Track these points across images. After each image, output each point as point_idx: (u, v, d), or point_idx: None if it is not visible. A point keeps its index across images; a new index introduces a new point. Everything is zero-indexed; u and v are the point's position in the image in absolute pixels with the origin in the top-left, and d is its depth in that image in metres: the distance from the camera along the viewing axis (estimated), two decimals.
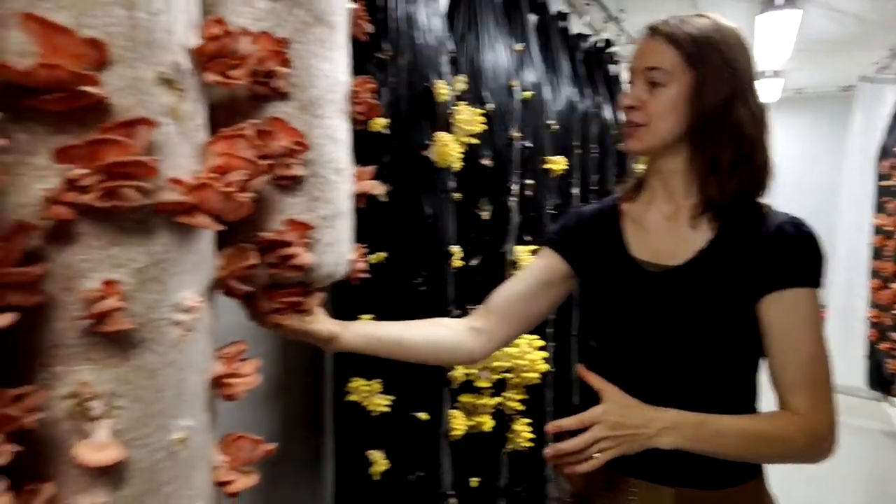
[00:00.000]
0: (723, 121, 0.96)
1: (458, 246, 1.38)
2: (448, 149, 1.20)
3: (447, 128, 1.30)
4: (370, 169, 0.99)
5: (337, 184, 0.89)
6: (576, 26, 2.95)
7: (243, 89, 0.78)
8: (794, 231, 0.96)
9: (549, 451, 0.94)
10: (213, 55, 0.67)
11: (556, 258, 1.11)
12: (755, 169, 0.98)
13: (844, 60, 4.91)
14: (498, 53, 1.54)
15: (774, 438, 0.93)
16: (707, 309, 0.96)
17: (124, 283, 0.59)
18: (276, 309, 0.86)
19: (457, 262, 1.37)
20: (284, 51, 0.80)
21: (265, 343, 1.15)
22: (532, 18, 2.25)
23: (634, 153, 1.02)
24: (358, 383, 1.13)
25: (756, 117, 0.98)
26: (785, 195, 6.45)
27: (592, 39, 3.22)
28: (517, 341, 1.59)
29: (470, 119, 1.28)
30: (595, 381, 0.96)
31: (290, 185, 0.82)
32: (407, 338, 1.03)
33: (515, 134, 1.55)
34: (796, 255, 0.94)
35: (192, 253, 0.66)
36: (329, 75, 0.87)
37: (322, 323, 0.95)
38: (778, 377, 0.95)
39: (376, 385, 1.14)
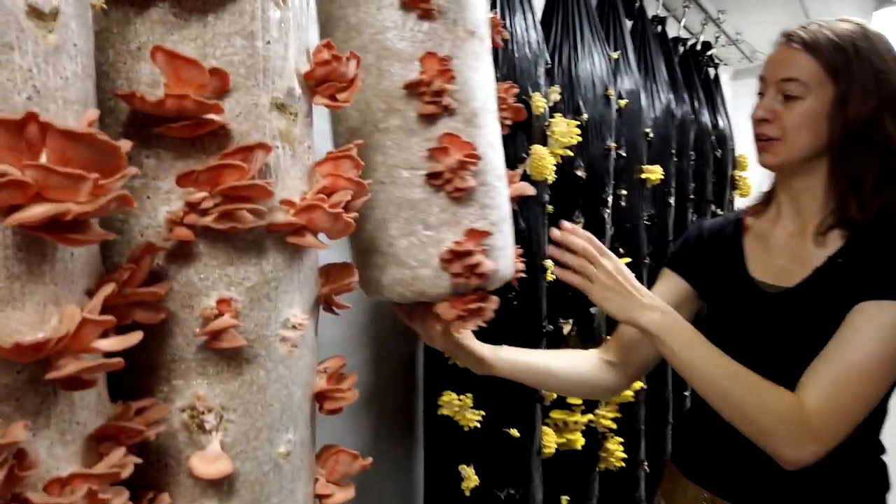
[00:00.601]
0: (868, 136, 0.89)
1: (550, 260, 1.36)
2: (544, 162, 1.19)
3: (543, 140, 1.28)
4: (518, 171, 1.02)
5: (500, 189, 0.92)
6: (672, 29, 2.84)
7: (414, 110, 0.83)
8: None
9: (566, 225, 0.94)
10: (322, 80, 0.69)
11: (678, 280, 1.08)
12: None
13: None
14: (594, 62, 1.51)
15: (755, 390, 0.85)
16: (818, 330, 0.89)
17: (237, 301, 0.61)
18: (459, 316, 0.89)
19: (549, 277, 1.35)
20: (449, 68, 0.82)
21: (361, 353, 1.17)
22: (628, 24, 2.19)
23: (767, 168, 0.96)
24: (450, 397, 1.13)
25: None
26: None
27: (690, 42, 3.10)
28: None
29: (566, 131, 1.26)
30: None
31: (464, 195, 0.86)
32: (553, 366, 1.04)
33: (612, 144, 1.51)
34: None
35: (300, 272, 0.68)
36: (484, 86, 0.90)
37: (476, 342, 0.98)
38: (811, 367, 0.86)
39: (468, 400, 1.14)
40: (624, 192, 1.76)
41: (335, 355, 0.79)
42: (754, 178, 3.29)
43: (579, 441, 1.42)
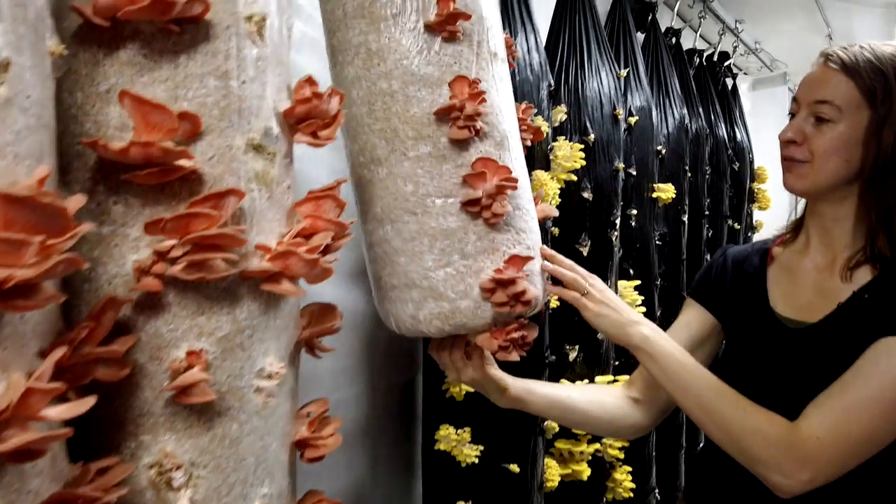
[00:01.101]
0: None
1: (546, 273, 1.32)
2: (546, 188, 1.15)
3: (546, 165, 1.25)
4: (539, 192, 0.99)
5: (532, 212, 0.90)
6: (688, 40, 2.79)
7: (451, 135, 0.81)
8: None
9: (546, 251, 0.93)
10: (303, 117, 0.66)
11: (700, 310, 1.05)
12: None
13: None
14: (601, 80, 1.47)
15: (744, 411, 0.83)
16: (840, 369, 0.84)
17: (209, 351, 0.59)
18: (501, 347, 0.86)
19: (553, 303, 1.31)
20: (481, 90, 0.80)
21: (357, 385, 1.14)
22: (641, 37, 2.15)
23: (792, 192, 0.92)
24: (447, 431, 1.10)
25: None
26: None
27: (707, 53, 3.04)
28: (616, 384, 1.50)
29: (569, 155, 1.22)
30: None
31: (500, 221, 0.83)
32: (577, 401, 1.01)
33: (620, 165, 1.47)
34: None
35: (277, 318, 0.65)
36: (510, 108, 0.88)
37: (502, 373, 0.95)
38: (819, 396, 0.83)
39: (465, 434, 1.10)
40: (634, 211, 1.72)
41: (319, 399, 0.76)
42: (773, 191, 3.21)
43: (585, 472, 1.38)
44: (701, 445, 2.14)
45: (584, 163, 1.27)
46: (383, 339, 0.91)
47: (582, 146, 1.26)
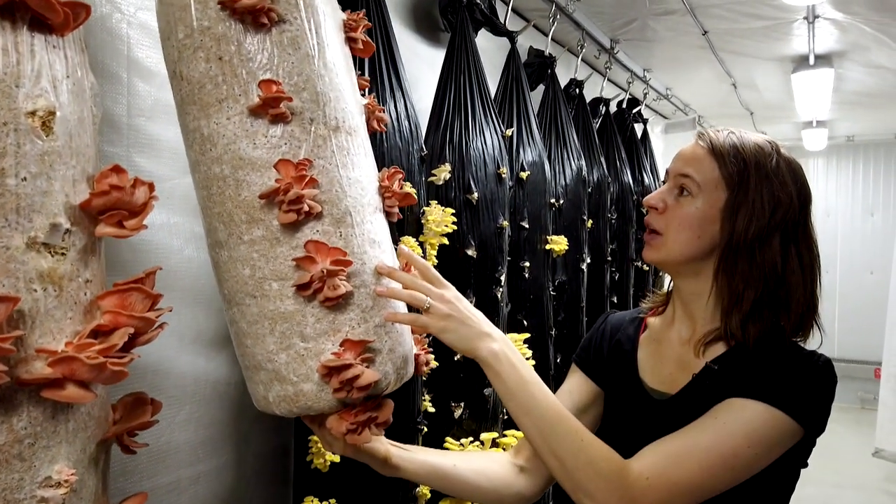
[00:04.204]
0: (753, 256, 0.88)
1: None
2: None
3: (418, 229, 1.26)
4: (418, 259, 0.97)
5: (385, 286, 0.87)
6: (597, 86, 2.89)
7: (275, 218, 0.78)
8: (792, 356, 0.88)
9: (384, 268, 0.86)
10: (104, 209, 0.64)
11: (583, 377, 1.06)
12: (789, 314, 0.89)
13: (892, 111, 4.67)
14: (485, 140, 1.50)
15: (580, 441, 0.83)
16: None
17: None
18: (349, 430, 0.83)
19: (433, 363, 1.30)
20: (307, 173, 0.78)
21: (218, 457, 1.10)
22: (539, 90, 2.21)
23: (648, 263, 0.95)
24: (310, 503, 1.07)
25: (802, 260, 0.89)
26: (838, 246, 6.17)
27: (618, 99, 3.16)
28: (504, 440, 1.50)
29: (440, 220, 1.23)
30: None
31: (340, 303, 0.81)
32: (460, 469, 0.99)
33: (504, 223, 1.49)
34: (776, 372, 0.85)
35: (70, 420, 0.62)
36: (359, 180, 0.86)
37: (381, 442, 0.93)
38: (657, 440, 0.85)
39: None
40: (527, 263, 1.74)
41: (137, 493, 0.73)
42: None
43: None
44: None
45: (455, 227, 1.28)
46: (252, 405, 0.88)
47: (454, 211, 1.28)
